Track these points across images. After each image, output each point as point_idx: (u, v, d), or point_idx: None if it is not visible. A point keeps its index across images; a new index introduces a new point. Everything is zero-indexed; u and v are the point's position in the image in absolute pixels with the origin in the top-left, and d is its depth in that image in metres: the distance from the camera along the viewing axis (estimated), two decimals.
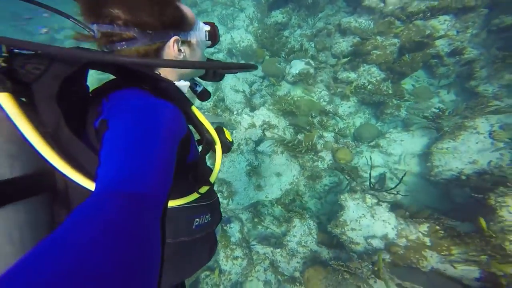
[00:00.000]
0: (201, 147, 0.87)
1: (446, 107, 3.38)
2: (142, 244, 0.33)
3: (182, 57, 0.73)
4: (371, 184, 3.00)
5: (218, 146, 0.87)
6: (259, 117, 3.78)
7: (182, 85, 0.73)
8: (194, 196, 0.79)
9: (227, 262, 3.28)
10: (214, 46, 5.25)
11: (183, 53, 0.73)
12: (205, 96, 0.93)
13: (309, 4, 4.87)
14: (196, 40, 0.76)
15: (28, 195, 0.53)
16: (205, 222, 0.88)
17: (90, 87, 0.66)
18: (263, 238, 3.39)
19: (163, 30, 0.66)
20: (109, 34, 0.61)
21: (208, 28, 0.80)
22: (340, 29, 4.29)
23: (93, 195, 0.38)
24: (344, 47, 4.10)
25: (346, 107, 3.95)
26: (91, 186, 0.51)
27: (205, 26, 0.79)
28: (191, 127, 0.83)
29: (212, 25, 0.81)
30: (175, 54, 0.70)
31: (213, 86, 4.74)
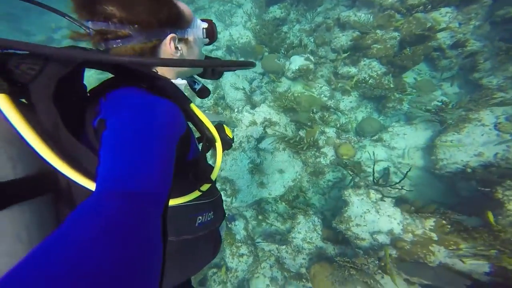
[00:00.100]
0: (201, 145, 0.87)
1: (450, 100, 3.34)
2: (143, 243, 0.33)
3: (179, 55, 0.71)
4: (375, 180, 2.98)
5: (219, 143, 0.86)
6: (260, 114, 3.75)
7: (180, 83, 0.73)
8: (196, 194, 0.79)
9: (233, 260, 3.28)
10: (213, 44, 5.25)
11: (180, 51, 0.71)
12: (205, 94, 0.92)
13: None
14: (194, 38, 0.75)
15: (33, 196, 0.54)
16: (208, 220, 0.89)
17: (90, 87, 0.65)
18: (268, 235, 3.39)
19: (159, 28, 0.64)
20: (104, 32, 0.59)
21: (206, 26, 0.78)
22: (339, 23, 4.23)
23: (93, 195, 0.38)
24: (344, 42, 4.05)
25: (348, 102, 3.92)
26: (92, 186, 0.50)
27: (203, 23, 0.78)
28: (191, 125, 0.82)
29: (210, 22, 0.80)
30: (172, 52, 0.69)
31: (213, 84, 4.70)
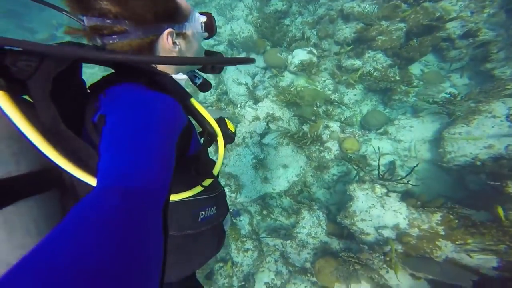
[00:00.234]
0: (203, 140, 0.86)
1: (458, 92, 3.23)
2: (143, 238, 0.33)
3: (178, 50, 0.70)
4: (380, 174, 2.93)
5: (220, 138, 0.85)
6: (263, 110, 3.72)
7: (181, 78, 0.72)
8: (198, 189, 0.79)
9: (239, 254, 3.32)
10: (215, 39, 5.20)
11: (178, 46, 0.70)
12: (206, 87, 0.90)
13: None
14: (192, 32, 0.73)
15: (38, 191, 0.55)
16: (211, 215, 0.89)
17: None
18: (273, 230, 3.41)
19: (156, 23, 0.63)
20: (99, 28, 0.58)
21: (204, 19, 0.76)
22: (343, 15, 4.12)
23: (94, 191, 0.38)
24: (348, 34, 3.94)
25: (352, 95, 3.85)
26: (93, 181, 0.51)
27: (201, 17, 0.76)
28: (193, 121, 0.81)
29: (209, 16, 0.78)
30: (170, 48, 0.67)
31: (215, 80, 4.67)
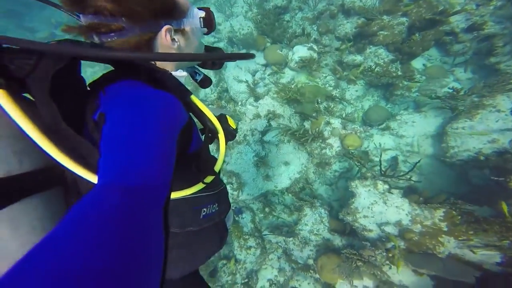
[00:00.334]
0: (204, 137, 0.86)
1: (462, 86, 3.18)
2: (143, 236, 0.33)
3: (176, 47, 0.69)
4: (382, 170, 2.92)
5: (221, 134, 0.85)
6: (264, 107, 3.70)
7: (180, 75, 0.71)
8: (200, 186, 0.79)
9: (242, 252, 3.34)
10: (214, 36, 5.17)
11: (177, 43, 0.69)
12: (206, 83, 0.90)
13: None
14: (191, 28, 0.72)
15: (42, 189, 0.55)
16: (213, 212, 0.89)
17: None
18: (275, 227, 3.41)
19: (153, 19, 0.62)
20: (96, 25, 0.57)
21: (203, 14, 0.75)
22: (344, 10, 4.06)
23: (94, 189, 0.38)
24: (349, 29, 3.89)
25: (354, 91, 3.81)
26: (94, 179, 0.50)
27: (200, 12, 0.75)
28: (194, 118, 0.81)
29: (207, 11, 0.77)
30: (169, 44, 0.67)
31: (216, 77, 4.66)
